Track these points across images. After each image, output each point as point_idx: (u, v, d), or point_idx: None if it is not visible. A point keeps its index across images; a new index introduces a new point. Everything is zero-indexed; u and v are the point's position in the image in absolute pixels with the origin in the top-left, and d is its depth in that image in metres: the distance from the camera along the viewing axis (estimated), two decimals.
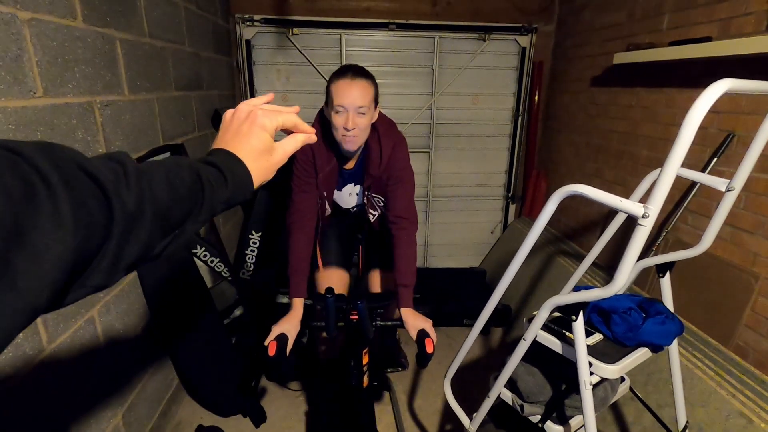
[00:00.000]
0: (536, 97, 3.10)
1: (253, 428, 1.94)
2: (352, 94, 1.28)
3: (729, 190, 0.99)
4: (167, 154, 1.89)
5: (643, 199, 0.91)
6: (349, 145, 1.35)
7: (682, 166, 0.77)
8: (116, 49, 1.50)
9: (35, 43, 1.12)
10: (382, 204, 1.58)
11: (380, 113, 1.50)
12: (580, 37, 2.68)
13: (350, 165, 1.55)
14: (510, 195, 3.37)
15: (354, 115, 1.30)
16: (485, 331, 2.65)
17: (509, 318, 2.60)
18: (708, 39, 1.63)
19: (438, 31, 2.92)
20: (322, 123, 1.46)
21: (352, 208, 1.70)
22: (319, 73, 2.93)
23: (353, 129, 1.31)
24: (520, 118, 3.16)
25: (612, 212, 2.36)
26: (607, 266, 2.29)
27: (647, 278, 2.03)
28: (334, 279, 1.70)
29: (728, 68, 1.63)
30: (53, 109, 1.19)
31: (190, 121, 2.19)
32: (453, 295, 2.88)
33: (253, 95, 2.97)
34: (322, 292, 1.66)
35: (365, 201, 1.60)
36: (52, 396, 1.18)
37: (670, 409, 1.49)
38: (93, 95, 1.37)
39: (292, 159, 1.52)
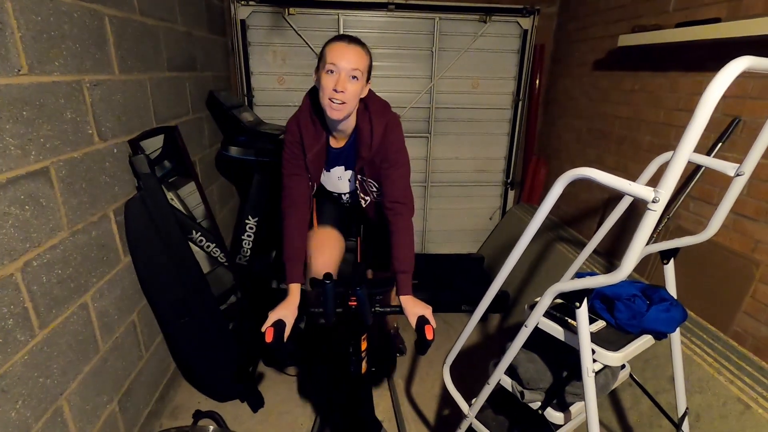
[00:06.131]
0: (537, 81, 3.05)
1: (251, 413, 1.94)
2: (347, 56, 1.26)
3: (738, 175, 0.96)
4: (161, 137, 1.84)
5: (649, 184, 0.88)
6: (335, 112, 1.29)
7: None
8: (105, 26, 1.44)
9: (18, 18, 1.07)
10: (375, 189, 1.53)
11: (374, 94, 1.45)
12: (584, 20, 2.62)
13: (339, 144, 1.48)
14: (509, 181, 3.34)
15: (345, 78, 1.26)
16: (483, 318, 2.66)
17: (507, 304, 2.60)
18: (717, 20, 1.58)
19: (438, 12, 2.85)
20: (312, 100, 1.41)
21: (344, 194, 1.66)
22: (316, 54, 2.86)
23: (342, 93, 1.26)
24: (520, 103, 3.12)
25: (613, 198, 2.35)
26: (606, 252, 2.28)
27: (647, 265, 2.02)
28: (329, 238, 1.66)
29: (735, 51, 1.58)
30: (39, 87, 1.14)
31: (184, 103, 2.13)
32: (451, 281, 2.88)
33: (248, 77, 2.90)
34: (316, 250, 1.62)
35: (357, 186, 1.54)
36: (46, 383, 1.16)
37: (667, 394, 1.49)
38: (81, 74, 1.32)
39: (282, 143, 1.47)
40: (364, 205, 1.59)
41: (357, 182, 1.53)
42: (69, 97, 1.26)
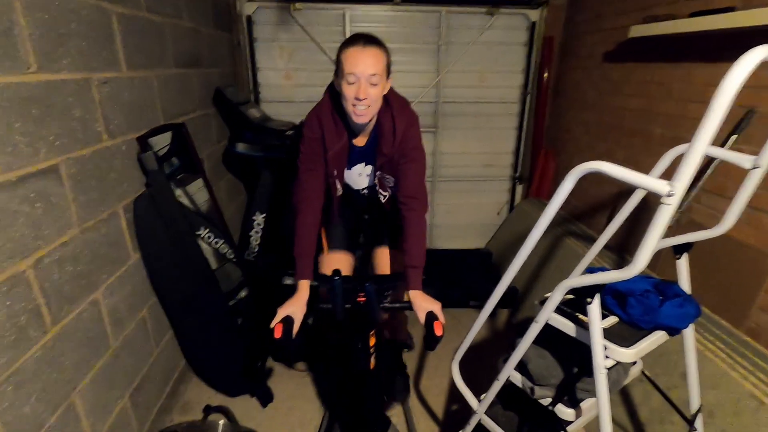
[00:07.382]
0: (546, 74, 3.01)
1: (261, 408, 1.95)
2: (364, 62, 1.24)
3: (755, 168, 0.94)
4: (168, 134, 1.85)
5: (663, 178, 0.87)
6: (360, 117, 1.30)
7: None
8: (112, 24, 1.45)
9: (27, 16, 1.07)
10: (392, 185, 1.54)
11: (394, 91, 1.45)
12: (593, 11, 2.58)
13: (361, 142, 1.49)
14: (517, 175, 3.32)
15: (366, 84, 1.25)
16: (492, 313, 2.65)
17: (516, 300, 2.58)
18: (731, 9, 1.54)
19: (444, 6, 2.82)
20: (332, 97, 1.41)
21: (362, 190, 1.66)
22: (323, 50, 2.85)
23: (365, 99, 1.26)
24: (528, 96, 3.08)
25: (624, 192, 2.32)
26: (616, 247, 2.25)
27: (657, 259, 1.99)
28: (339, 263, 1.67)
29: (749, 41, 1.54)
30: (48, 85, 1.14)
31: (190, 100, 2.14)
32: (459, 276, 2.87)
33: (255, 73, 2.90)
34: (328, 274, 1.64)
35: (376, 182, 1.55)
36: (58, 379, 1.18)
37: (679, 390, 1.47)
38: (90, 72, 1.32)
39: (300, 137, 1.48)
40: (383, 201, 1.60)
41: (376, 178, 1.54)
42: (77, 95, 1.26)
